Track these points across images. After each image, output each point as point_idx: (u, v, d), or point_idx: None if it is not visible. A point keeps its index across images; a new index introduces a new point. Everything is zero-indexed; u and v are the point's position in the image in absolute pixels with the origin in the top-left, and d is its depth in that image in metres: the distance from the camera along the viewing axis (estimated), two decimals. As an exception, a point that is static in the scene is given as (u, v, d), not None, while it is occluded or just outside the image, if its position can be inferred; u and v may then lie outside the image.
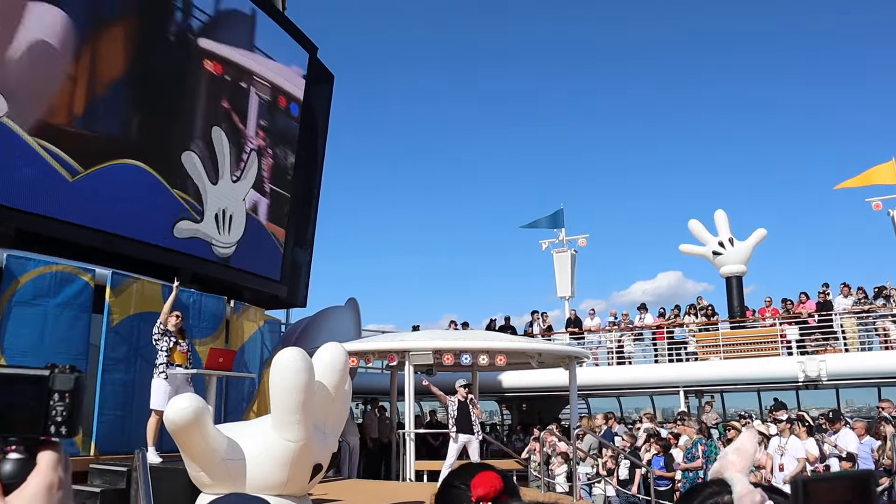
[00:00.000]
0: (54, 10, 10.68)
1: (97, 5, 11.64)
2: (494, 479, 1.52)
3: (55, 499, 0.90)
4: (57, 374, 0.94)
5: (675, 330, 20.19)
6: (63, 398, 0.93)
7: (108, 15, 11.83)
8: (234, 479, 6.12)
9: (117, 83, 11.87)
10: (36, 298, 9.85)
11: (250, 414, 12.70)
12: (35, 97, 10.54)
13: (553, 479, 13.25)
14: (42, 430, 0.92)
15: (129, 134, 12.13)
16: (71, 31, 10.89)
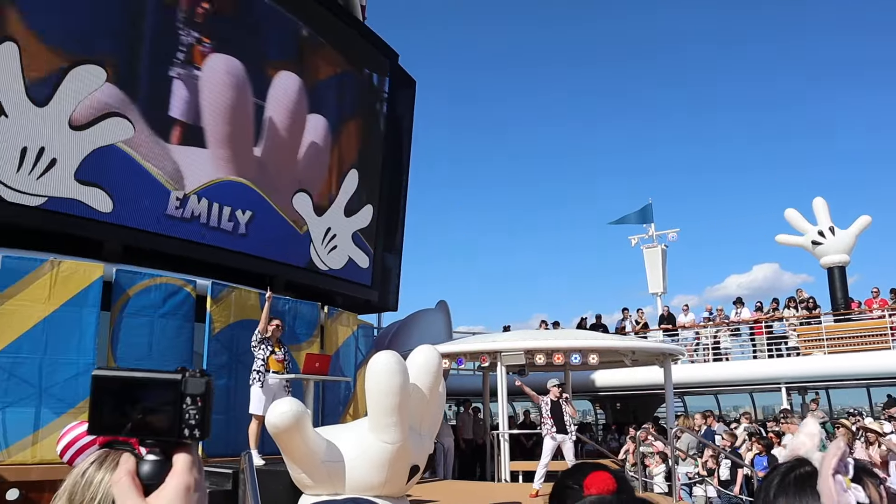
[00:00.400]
0: (320, 118, 14.82)
1: (341, 110, 15.57)
2: (607, 478, 1.51)
3: (192, 500, 0.92)
4: (188, 378, 0.96)
5: (775, 324, 19.45)
6: (195, 402, 0.95)
7: (347, 115, 15.83)
8: (333, 480, 6.27)
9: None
10: (143, 310, 10.37)
11: (347, 417, 12.98)
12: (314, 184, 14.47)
13: (651, 479, 12.99)
14: (177, 433, 0.95)
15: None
16: (328, 132, 15.01)
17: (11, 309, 9.17)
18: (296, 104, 14.20)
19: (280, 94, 13.83)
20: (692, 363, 19.68)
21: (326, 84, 15.21)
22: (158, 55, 11.71)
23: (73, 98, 10.38)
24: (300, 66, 14.42)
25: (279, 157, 13.89)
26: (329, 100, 15.27)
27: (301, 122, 14.37)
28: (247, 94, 13.05)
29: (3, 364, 8.98)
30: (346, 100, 15.91)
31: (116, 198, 10.81)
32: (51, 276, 9.52)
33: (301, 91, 14.33)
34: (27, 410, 9.03)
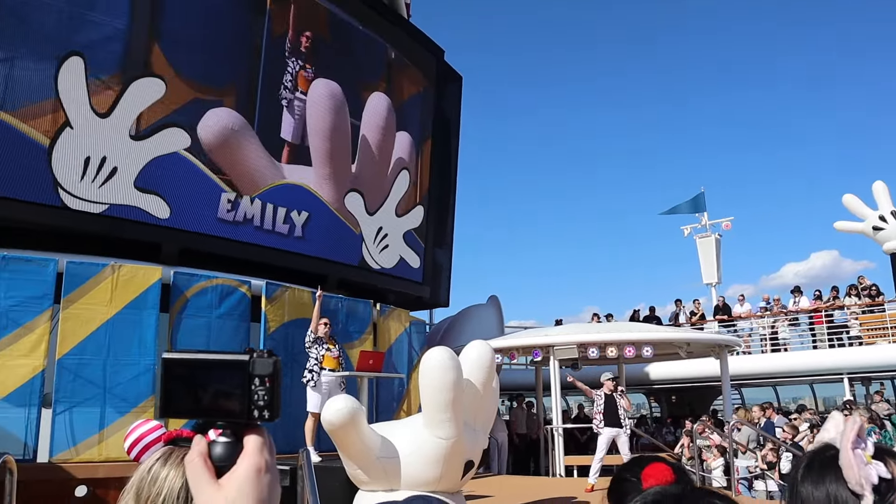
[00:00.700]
0: (406, 135, 15.86)
1: (423, 129, 16.59)
2: (665, 469, 1.52)
3: (263, 481, 0.93)
4: (256, 358, 0.97)
5: (835, 313, 18.94)
6: (263, 382, 0.95)
7: (426, 134, 16.86)
8: (389, 476, 6.33)
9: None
10: (200, 311, 10.62)
11: (401, 413, 13.08)
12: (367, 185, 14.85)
13: (708, 473, 12.80)
14: (246, 414, 0.94)
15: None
16: (413, 148, 16.09)
17: (76, 312, 9.49)
18: (386, 122, 15.28)
19: (372, 114, 14.93)
20: (749, 354, 19.30)
21: (410, 102, 16.23)
22: (271, 83, 12.90)
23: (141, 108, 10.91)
24: (389, 87, 15.51)
25: (371, 173, 14.89)
26: (413, 117, 16.31)
27: (391, 140, 15.43)
28: (345, 115, 14.19)
29: (70, 366, 9.31)
30: (427, 117, 16.92)
31: (173, 204, 11.22)
32: (112, 280, 9.82)
33: (390, 110, 15.36)
34: (93, 410, 9.35)
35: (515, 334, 16.08)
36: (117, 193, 10.63)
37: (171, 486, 1.48)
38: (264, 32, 12.77)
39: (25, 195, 9.70)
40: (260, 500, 0.91)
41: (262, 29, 12.74)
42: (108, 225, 10.51)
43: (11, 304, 9.06)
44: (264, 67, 12.76)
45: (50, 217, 9.99)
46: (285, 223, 12.85)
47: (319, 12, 13.94)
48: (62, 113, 10.03)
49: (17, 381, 8.89)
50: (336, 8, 14.25)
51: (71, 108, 10.11)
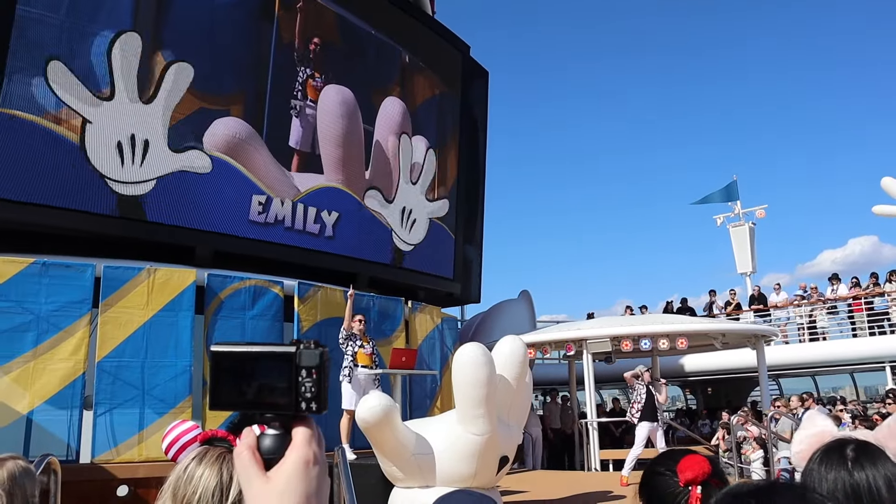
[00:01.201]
0: (422, 140, 15.87)
1: (440, 133, 16.50)
2: (702, 462, 1.51)
3: (312, 474, 0.93)
4: (303, 350, 0.96)
5: (875, 300, 18.58)
6: (310, 374, 0.95)
7: (448, 135, 16.75)
8: (424, 473, 6.35)
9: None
10: (234, 311, 10.75)
11: (434, 410, 13.11)
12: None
13: (747, 465, 12.66)
14: (293, 406, 0.94)
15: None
16: (432, 153, 16.05)
17: (114, 316, 9.66)
18: (400, 127, 15.13)
19: (386, 118, 14.80)
20: (786, 344, 19.02)
21: (426, 106, 16.07)
22: (280, 92, 12.85)
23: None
24: (403, 91, 15.35)
25: (385, 179, 14.80)
26: (430, 121, 16.15)
27: (407, 145, 15.39)
28: (358, 120, 14.10)
29: (109, 368, 9.48)
30: (447, 120, 16.73)
31: (214, 160, 11.60)
32: (148, 284, 9.98)
33: (405, 115, 15.25)
34: (132, 411, 9.51)
35: (547, 329, 16.04)
36: (159, 165, 10.94)
37: (206, 484, 1.51)
38: (272, 40, 12.73)
39: (69, 201, 9.95)
40: (308, 492, 0.91)
41: (269, 36, 12.70)
42: (143, 229, 10.71)
43: (52, 308, 9.25)
44: (273, 75, 12.72)
45: (89, 223, 10.20)
46: (316, 223, 12.96)
47: (329, 18, 13.86)
48: (77, 114, 10.26)
49: (59, 384, 9.08)
50: (347, 13, 14.17)
51: (83, 108, 10.32)
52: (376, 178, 14.56)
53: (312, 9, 13.46)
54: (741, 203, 23.22)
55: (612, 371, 16.97)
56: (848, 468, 1.37)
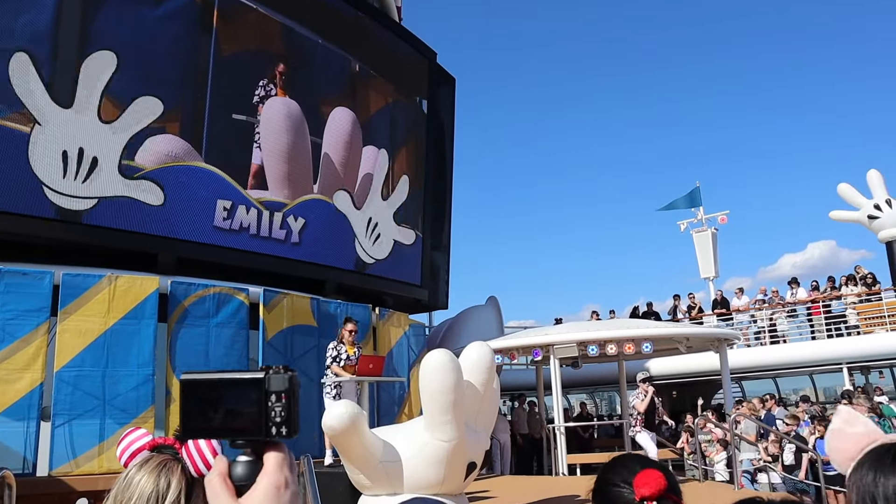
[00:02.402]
0: (374, 149, 15.09)
1: (395, 139, 15.90)
2: (659, 477, 1.48)
3: (284, 499, 0.92)
4: (272, 375, 0.96)
5: (833, 303, 18.95)
6: (280, 399, 0.95)
7: (400, 143, 16.09)
8: (392, 480, 6.30)
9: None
10: (199, 319, 10.59)
11: (402, 417, 13.06)
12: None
13: (711, 467, 12.80)
14: (264, 431, 0.94)
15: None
16: (384, 162, 15.38)
17: (73, 324, 9.46)
18: (351, 138, 14.48)
19: (335, 130, 14.15)
20: (748, 347, 19.32)
21: (379, 115, 15.53)
22: (219, 104, 12.10)
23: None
24: (353, 101, 14.71)
25: (350, 187, 14.51)
26: (382, 131, 15.57)
27: (357, 155, 14.69)
28: (304, 133, 13.46)
29: (68, 378, 9.27)
30: (399, 128, 16.20)
31: (168, 190, 11.17)
32: (109, 291, 9.79)
33: (355, 125, 14.62)
34: (92, 422, 9.31)
35: (515, 334, 16.05)
36: (103, 187, 10.48)
37: (142, 490, 1.52)
38: (211, 52, 12.03)
39: (14, 205, 9.64)
40: None
41: (208, 49, 11.98)
42: (104, 235, 10.47)
43: (8, 317, 9.02)
44: (212, 89, 11.95)
45: (44, 229, 9.95)
46: (282, 229, 12.80)
47: (274, 29, 13.25)
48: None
49: (16, 395, 8.85)
50: (294, 23, 13.57)
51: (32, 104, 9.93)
52: (325, 191, 14.12)
53: (255, 20, 12.84)
54: (704, 209, 23.57)
55: (579, 376, 17.07)
56: None
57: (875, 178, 19.93)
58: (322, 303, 12.50)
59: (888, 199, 19.56)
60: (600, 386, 22.19)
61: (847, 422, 1.49)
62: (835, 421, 1.53)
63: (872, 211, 19.60)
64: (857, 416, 1.51)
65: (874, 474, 1.34)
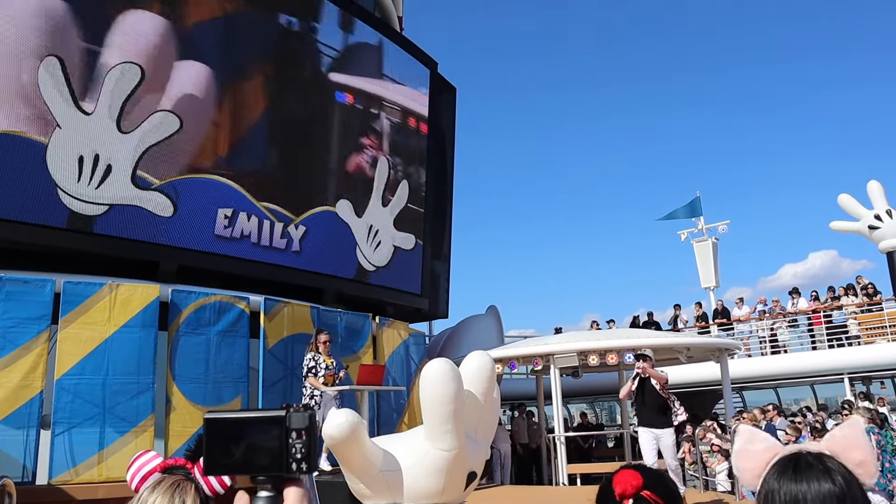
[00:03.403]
0: (198, 65, 11.89)
1: (235, 56, 12.67)
2: (632, 476, 1.54)
3: None
4: (292, 413, 1.00)
5: (834, 313, 18.96)
6: (300, 436, 0.99)
7: (246, 64, 12.86)
8: (392, 489, 6.29)
9: (259, 125, 13.02)
10: (199, 328, 10.59)
11: (402, 426, 13.04)
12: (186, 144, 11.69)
13: (713, 477, 12.77)
14: (284, 467, 0.98)
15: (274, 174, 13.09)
16: (213, 82, 12.02)
17: (74, 333, 9.46)
18: (157, 49, 11.27)
19: (134, 37, 11.00)
20: (749, 357, 19.30)
21: (210, 25, 12.12)
22: None
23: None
24: (166, 6, 11.54)
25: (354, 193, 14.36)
26: (207, 44, 12.10)
27: (167, 70, 11.39)
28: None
29: (68, 386, 9.27)
30: (241, 47, 12.72)
31: (180, 202, 11.28)
32: (110, 300, 9.80)
33: (168, 35, 11.39)
34: (92, 430, 9.30)
35: (515, 344, 16.05)
36: (116, 193, 10.64)
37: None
38: None
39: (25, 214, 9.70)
40: None
41: None
42: (105, 243, 10.50)
43: (9, 325, 9.02)
44: None
45: (49, 238, 9.98)
46: (283, 238, 12.83)
47: None
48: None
49: (16, 403, 8.85)
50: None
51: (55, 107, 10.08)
52: (346, 191, 14.40)
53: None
54: (705, 219, 23.59)
55: (579, 385, 17.05)
56: (806, 480, 1.39)
57: (875, 188, 19.95)
58: (322, 311, 12.50)
59: (889, 210, 19.58)
60: (601, 396, 22.17)
61: (748, 441, 1.57)
62: (737, 442, 1.61)
63: (873, 221, 19.61)
64: (756, 434, 1.59)
65: (778, 483, 1.42)
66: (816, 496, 1.35)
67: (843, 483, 1.37)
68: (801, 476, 1.39)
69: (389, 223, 15.37)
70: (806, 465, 1.41)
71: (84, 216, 10.30)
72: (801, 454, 1.46)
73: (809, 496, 1.36)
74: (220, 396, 10.58)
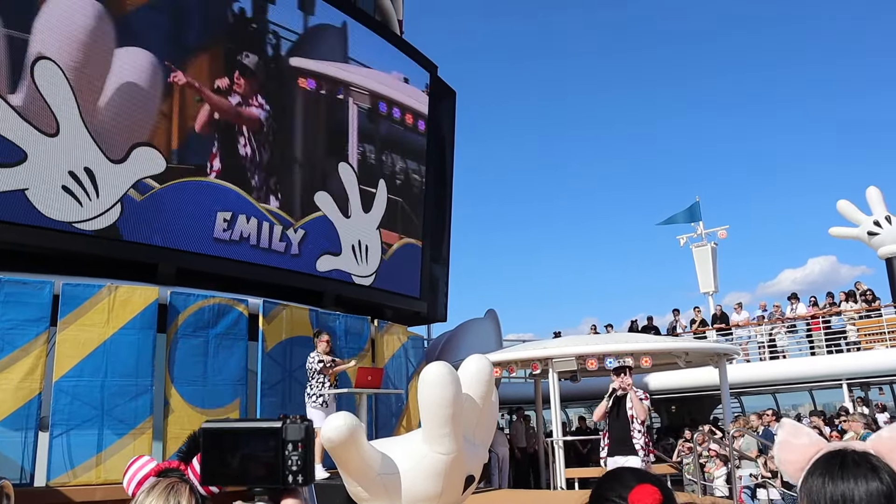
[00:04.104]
0: (139, 52, 11.11)
1: (180, 40, 11.83)
2: (655, 493, 1.47)
3: None
4: (289, 424, 0.99)
5: (832, 319, 18.97)
6: (296, 447, 0.99)
7: (193, 48, 12.03)
8: (390, 493, 6.27)
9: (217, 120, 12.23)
10: (197, 330, 10.59)
11: (400, 429, 13.03)
12: (127, 136, 10.88)
13: (711, 482, 12.76)
14: (281, 479, 0.98)
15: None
16: (158, 69, 11.29)
17: (73, 335, 9.46)
18: (91, 37, 10.60)
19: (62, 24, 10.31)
20: (748, 362, 19.31)
21: (143, 11, 11.33)
22: None
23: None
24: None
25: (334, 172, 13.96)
26: (143, 29, 11.33)
27: (106, 60, 10.78)
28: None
29: (66, 388, 9.26)
30: (186, 31, 12.04)
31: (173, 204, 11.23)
32: (108, 301, 9.80)
33: (102, 21, 10.73)
34: (90, 433, 9.29)
35: (514, 347, 16.04)
36: (112, 188, 10.60)
37: None
38: None
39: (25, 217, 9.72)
40: None
41: None
42: (105, 246, 10.51)
43: (7, 327, 9.02)
44: None
45: (45, 239, 9.99)
46: (282, 241, 12.83)
47: None
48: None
49: (14, 405, 8.84)
50: None
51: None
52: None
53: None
54: (704, 223, 23.62)
55: (577, 390, 17.04)
56: (854, 478, 1.40)
57: (874, 195, 20.01)
58: (321, 314, 12.51)
59: (887, 216, 19.62)
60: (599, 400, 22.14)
61: (793, 434, 1.59)
62: (780, 434, 1.62)
63: (872, 227, 19.66)
64: (800, 428, 1.60)
65: (823, 480, 1.42)
66: (864, 494, 1.36)
67: (890, 482, 1.37)
68: (849, 473, 1.39)
69: (374, 228, 15.03)
70: (853, 463, 1.41)
71: (108, 228, 10.45)
72: (847, 451, 1.46)
73: (857, 494, 1.36)
74: (218, 399, 10.57)
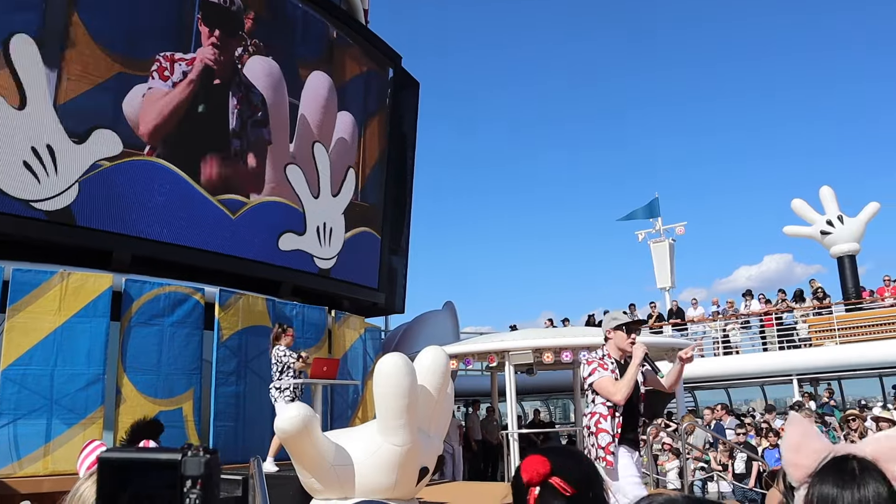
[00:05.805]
0: (348, 115, 15.19)
1: (367, 108, 15.94)
2: (540, 462, 1.52)
3: None
4: (189, 458, 0.89)
5: (784, 316, 19.39)
6: (195, 484, 0.88)
7: (372, 112, 16.13)
8: (343, 484, 6.26)
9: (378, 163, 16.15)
10: (152, 319, 10.43)
11: (355, 420, 13.00)
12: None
13: (664, 476, 12.98)
14: None
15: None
16: (355, 128, 15.42)
17: (22, 321, 9.25)
18: (327, 102, 14.64)
19: (312, 93, 14.27)
20: (702, 357, 19.64)
21: (354, 83, 15.58)
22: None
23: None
24: (329, 66, 14.81)
25: (309, 153, 14.23)
26: (356, 98, 15.67)
27: (332, 120, 14.78)
28: (283, 93, 13.61)
29: (14, 376, 9.05)
30: (371, 97, 16.26)
31: (122, 186, 10.92)
32: (61, 288, 9.59)
33: (331, 89, 14.71)
34: (38, 422, 9.10)
35: (471, 340, 16.09)
36: (73, 168, 10.31)
37: (85, 496, 1.60)
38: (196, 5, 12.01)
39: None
40: None
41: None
42: (59, 231, 10.24)
43: (-47, 313, 8.79)
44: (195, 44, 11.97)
45: None
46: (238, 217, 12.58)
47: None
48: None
49: (-41, 393, 8.63)
50: None
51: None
52: (301, 158, 13.98)
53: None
54: (662, 220, 23.95)
55: (533, 383, 17.18)
56: (857, 485, 1.38)
57: (827, 194, 20.48)
58: (278, 304, 12.40)
59: (840, 216, 20.11)
60: (554, 393, 22.37)
61: (805, 435, 1.53)
62: (791, 434, 1.55)
63: (825, 227, 20.14)
64: (810, 428, 1.55)
65: (835, 487, 1.39)
66: (876, 501, 1.35)
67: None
68: (863, 480, 1.37)
69: (339, 212, 15.03)
70: (863, 469, 1.39)
71: (62, 210, 10.11)
72: (855, 457, 1.43)
73: (872, 502, 1.35)
74: (172, 388, 10.44)
